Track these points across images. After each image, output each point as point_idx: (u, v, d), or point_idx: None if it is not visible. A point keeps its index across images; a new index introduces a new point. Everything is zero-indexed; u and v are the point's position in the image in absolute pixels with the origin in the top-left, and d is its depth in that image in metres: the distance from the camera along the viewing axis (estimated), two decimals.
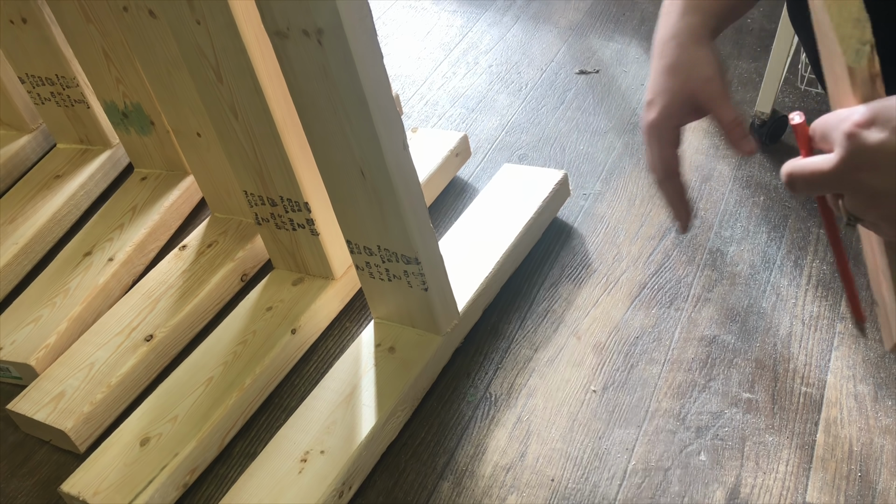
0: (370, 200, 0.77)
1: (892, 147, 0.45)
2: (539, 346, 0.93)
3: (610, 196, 1.11)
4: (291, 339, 0.88)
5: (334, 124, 0.73)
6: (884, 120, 0.46)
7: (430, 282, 0.82)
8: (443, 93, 1.32)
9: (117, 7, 0.86)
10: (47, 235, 1.04)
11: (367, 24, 0.67)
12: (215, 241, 1.00)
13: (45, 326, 0.91)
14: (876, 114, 0.46)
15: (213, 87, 0.81)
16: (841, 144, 0.48)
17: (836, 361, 0.88)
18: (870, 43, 0.48)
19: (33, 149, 1.16)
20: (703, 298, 0.97)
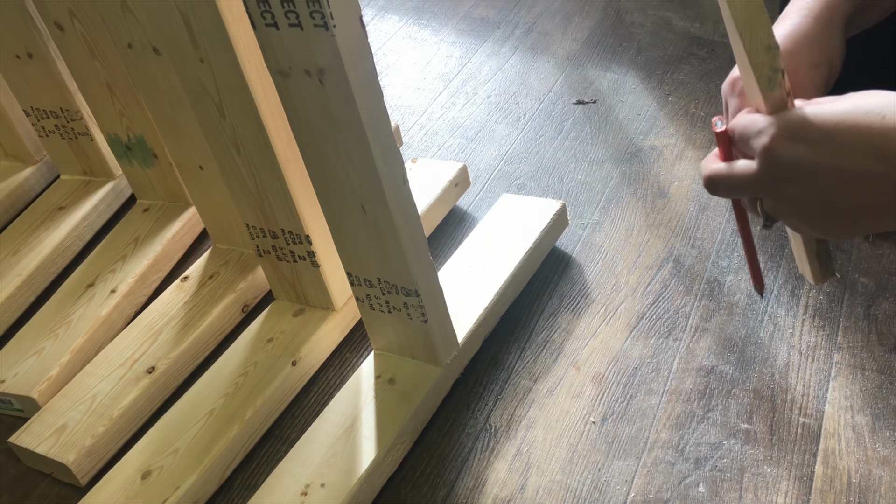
0: (370, 234, 0.78)
1: (808, 161, 0.47)
2: (538, 376, 0.93)
3: (608, 225, 1.12)
4: (292, 370, 0.89)
5: (335, 160, 0.74)
6: (801, 134, 0.47)
7: (429, 314, 0.83)
8: (442, 123, 1.34)
9: (122, 44, 0.88)
10: (50, 267, 1.05)
11: (368, 63, 0.68)
12: (217, 273, 1.01)
13: (47, 358, 0.92)
14: (792, 129, 0.47)
15: (216, 122, 0.82)
16: (760, 156, 0.49)
17: (834, 392, 0.89)
18: (780, 71, 0.50)
19: (37, 180, 1.17)
20: (701, 328, 0.97)
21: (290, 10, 0.65)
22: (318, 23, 0.64)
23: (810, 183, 0.47)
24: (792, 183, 0.48)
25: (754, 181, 0.50)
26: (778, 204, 0.50)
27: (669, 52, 1.45)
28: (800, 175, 0.47)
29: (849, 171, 0.45)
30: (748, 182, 0.51)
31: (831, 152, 0.45)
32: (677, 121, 1.30)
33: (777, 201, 0.50)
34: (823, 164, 0.46)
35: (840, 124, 0.45)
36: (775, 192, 0.49)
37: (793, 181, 0.48)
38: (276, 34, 0.68)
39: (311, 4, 0.64)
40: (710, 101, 1.33)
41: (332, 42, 0.65)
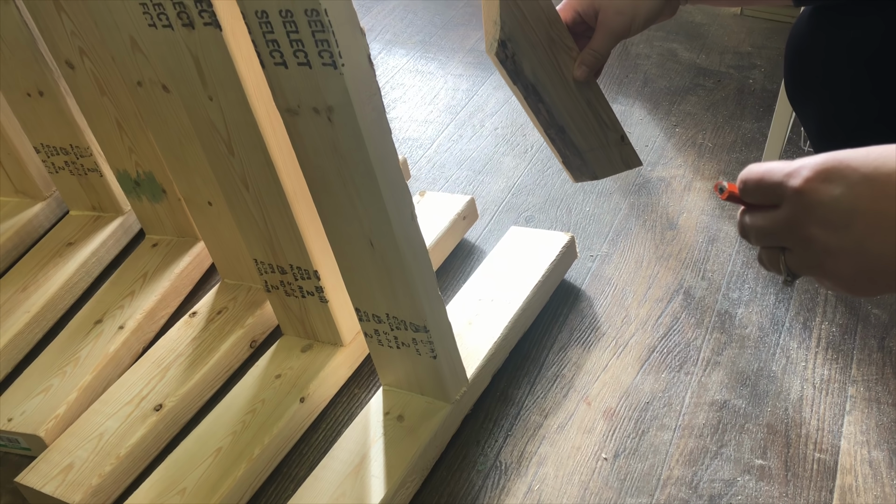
0: (379, 270, 0.78)
1: (846, 204, 0.44)
2: (549, 412, 0.92)
3: (617, 258, 1.12)
4: (300, 407, 0.88)
5: (344, 197, 0.74)
6: (837, 176, 0.44)
7: (438, 350, 0.82)
8: (450, 156, 1.34)
9: (131, 81, 0.88)
10: (59, 303, 1.05)
11: (376, 101, 0.68)
12: (225, 308, 1.00)
13: (55, 396, 0.91)
14: (828, 169, 0.45)
15: (225, 159, 0.83)
16: (791, 200, 0.46)
17: (849, 426, 0.88)
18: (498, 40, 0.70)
19: (46, 216, 1.18)
20: (713, 362, 0.96)
21: (299, 49, 0.66)
22: (327, 61, 0.65)
23: (846, 228, 0.44)
24: (825, 228, 0.45)
25: (783, 228, 0.47)
26: (804, 255, 0.47)
27: (676, 83, 1.46)
28: (835, 219, 0.44)
29: (890, 215, 0.43)
30: (776, 229, 0.48)
31: (872, 195, 0.43)
32: (685, 152, 1.29)
33: (804, 251, 0.47)
34: (862, 207, 0.43)
35: (881, 167, 0.43)
36: (804, 240, 0.46)
37: (827, 226, 0.45)
38: (285, 72, 0.68)
39: (320, 43, 0.64)
40: (718, 132, 1.33)
41: (340, 80, 0.65)
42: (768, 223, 0.48)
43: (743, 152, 1.28)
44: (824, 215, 0.45)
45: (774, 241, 0.49)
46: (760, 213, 0.49)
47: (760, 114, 1.36)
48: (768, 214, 0.48)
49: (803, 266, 0.48)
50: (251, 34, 0.67)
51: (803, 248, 0.47)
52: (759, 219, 0.49)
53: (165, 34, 0.76)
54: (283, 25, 0.65)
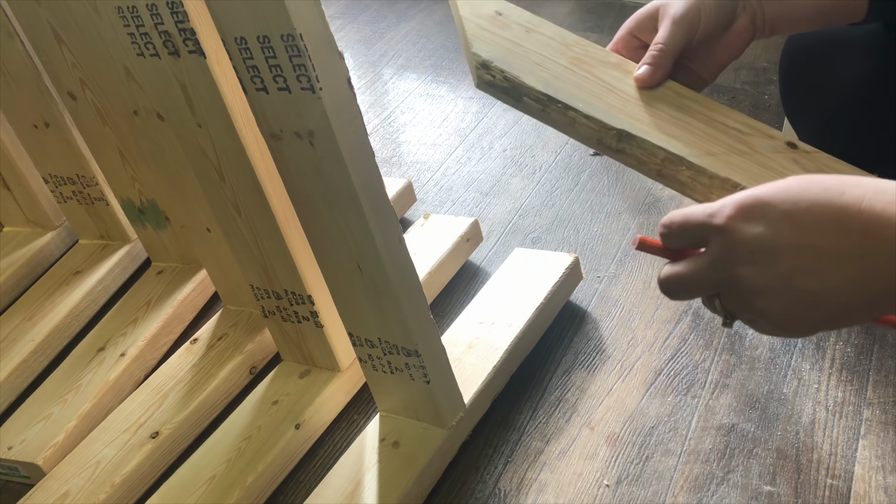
0: (368, 293, 0.77)
1: (768, 241, 0.43)
2: (551, 437, 0.90)
3: (625, 278, 1.10)
4: (295, 434, 0.87)
5: (330, 220, 0.73)
6: (758, 214, 0.44)
7: (431, 374, 0.81)
8: (457, 178, 1.33)
9: (128, 111, 0.89)
10: (64, 331, 1.06)
11: (357, 124, 0.68)
12: (226, 334, 1.00)
13: (54, 424, 0.92)
14: (749, 207, 0.44)
15: (217, 185, 0.83)
16: (715, 241, 0.45)
17: (864, 451, 0.84)
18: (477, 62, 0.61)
19: (57, 245, 1.19)
20: (722, 384, 0.93)
21: (278, 75, 0.66)
22: (305, 86, 0.65)
23: (772, 265, 0.43)
24: (751, 267, 0.44)
25: (709, 271, 0.46)
26: (734, 296, 0.46)
27: None
28: (760, 257, 0.44)
29: (812, 249, 0.42)
30: (703, 274, 0.46)
31: (793, 230, 0.42)
32: None
33: (733, 292, 0.46)
34: (785, 242, 0.43)
35: (799, 202, 0.42)
36: (733, 280, 0.45)
37: (752, 265, 0.44)
38: (267, 98, 0.68)
39: (297, 68, 0.64)
40: None
41: (319, 104, 0.65)
42: (695, 268, 0.47)
43: None
44: (748, 253, 0.44)
45: (704, 287, 0.47)
46: (684, 262, 0.47)
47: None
48: (692, 260, 0.47)
49: (736, 307, 0.47)
50: (232, 60, 0.67)
51: (732, 288, 0.46)
52: (683, 267, 0.47)
53: (154, 63, 0.77)
54: (261, 51, 0.65)
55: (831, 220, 0.41)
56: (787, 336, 0.49)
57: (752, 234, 0.43)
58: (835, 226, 0.41)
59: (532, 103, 0.61)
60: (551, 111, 0.60)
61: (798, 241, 0.42)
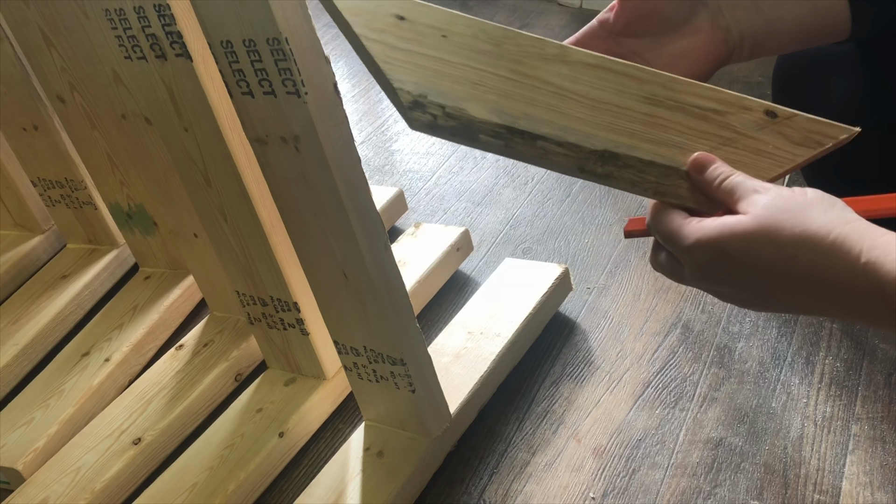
0: (353, 301, 0.76)
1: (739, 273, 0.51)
2: (537, 449, 0.89)
3: (614, 290, 1.09)
4: (279, 442, 0.86)
5: (315, 227, 0.73)
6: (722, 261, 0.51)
7: (416, 383, 0.80)
8: (449, 187, 1.33)
9: (116, 115, 0.89)
10: (49, 336, 1.05)
11: (343, 130, 0.67)
12: (211, 341, 0.99)
13: (35, 429, 0.91)
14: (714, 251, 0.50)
15: (203, 190, 0.82)
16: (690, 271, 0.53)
17: (852, 466, 0.83)
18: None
19: (45, 249, 1.18)
20: (710, 398, 0.93)
21: (264, 79, 0.65)
22: (291, 90, 0.64)
23: (748, 288, 0.51)
24: (727, 288, 0.52)
25: (690, 282, 0.54)
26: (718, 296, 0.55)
27: None
28: (735, 284, 0.51)
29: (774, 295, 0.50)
30: (683, 281, 0.55)
31: (751, 281, 0.50)
32: None
33: (717, 296, 0.55)
34: (744, 285, 0.51)
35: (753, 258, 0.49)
36: (713, 293, 0.55)
37: (728, 288, 0.52)
38: (252, 102, 0.68)
39: (283, 72, 0.64)
40: None
41: (304, 109, 0.64)
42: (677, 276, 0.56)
43: None
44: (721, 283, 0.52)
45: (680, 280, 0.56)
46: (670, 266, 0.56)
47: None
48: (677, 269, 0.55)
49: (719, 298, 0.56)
50: (218, 64, 0.67)
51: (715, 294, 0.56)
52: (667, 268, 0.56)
53: (141, 66, 0.76)
54: (247, 55, 0.65)
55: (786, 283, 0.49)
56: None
57: (715, 275, 0.52)
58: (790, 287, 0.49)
59: (490, 140, 0.52)
60: (516, 144, 0.52)
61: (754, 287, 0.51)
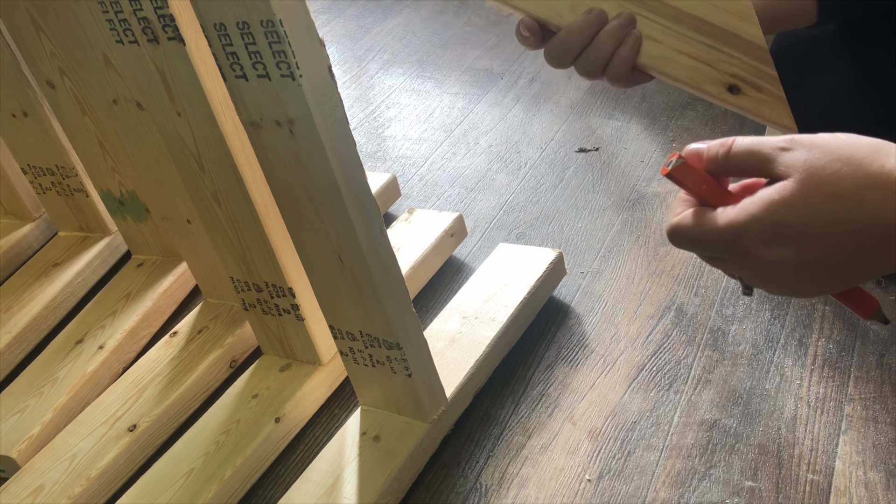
0: (349, 285, 0.76)
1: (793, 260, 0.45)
2: (533, 432, 0.90)
3: (608, 274, 1.09)
4: (275, 427, 0.86)
5: (310, 211, 0.72)
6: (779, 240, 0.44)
7: (413, 368, 0.80)
8: (442, 173, 1.33)
9: (107, 100, 0.88)
10: (42, 324, 1.04)
11: (338, 113, 0.67)
12: (206, 327, 0.99)
13: (30, 417, 0.90)
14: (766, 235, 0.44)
15: (196, 175, 0.82)
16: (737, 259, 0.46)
17: (845, 446, 0.84)
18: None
19: (36, 237, 1.18)
20: (704, 380, 0.93)
21: (258, 62, 0.65)
22: (285, 73, 0.64)
23: (797, 274, 0.46)
24: (777, 275, 0.46)
25: (734, 269, 0.48)
26: (761, 283, 0.48)
27: (674, 98, 1.43)
28: (785, 271, 0.46)
29: (838, 258, 0.44)
30: (718, 248, 0.48)
31: (817, 248, 0.44)
32: None
33: (761, 283, 0.48)
34: (809, 258, 0.44)
35: (817, 221, 0.43)
36: (759, 279, 0.48)
37: (778, 275, 0.46)
38: (246, 85, 0.67)
39: (277, 55, 0.63)
40: None
41: (299, 92, 0.64)
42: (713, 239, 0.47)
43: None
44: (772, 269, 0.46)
45: (713, 255, 0.49)
46: (706, 223, 0.47)
47: (760, 128, 1.33)
48: (713, 230, 0.47)
49: (760, 286, 0.49)
50: (211, 47, 0.66)
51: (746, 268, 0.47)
52: (702, 229, 0.47)
53: (133, 50, 0.76)
54: (241, 37, 0.64)
55: (852, 233, 0.43)
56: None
57: (776, 257, 0.45)
58: (855, 237, 0.43)
59: None
60: None
61: (822, 254, 0.44)
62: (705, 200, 0.48)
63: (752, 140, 0.46)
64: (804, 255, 0.44)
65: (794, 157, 0.44)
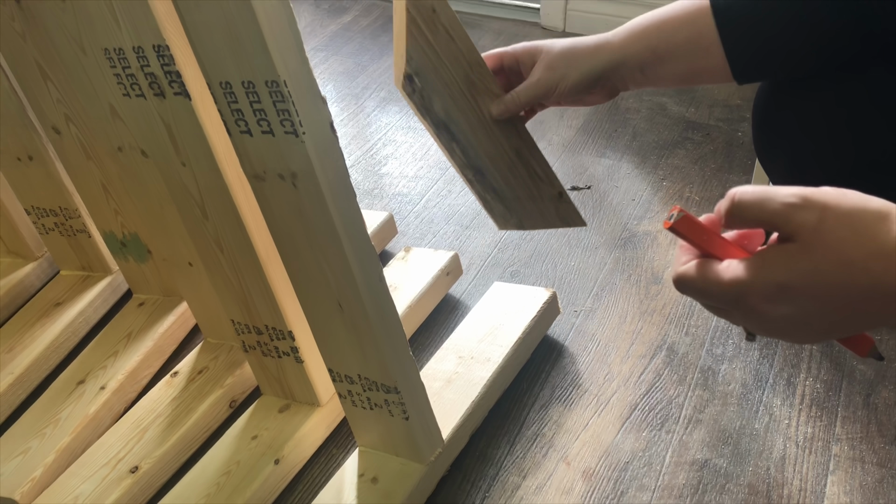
0: (348, 331, 0.78)
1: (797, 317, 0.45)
2: (528, 472, 0.91)
3: (601, 313, 1.12)
4: (275, 469, 0.88)
5: (311, 259, 0.75)
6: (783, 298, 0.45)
7: (410, 411, 0.82)
8: (438, 211, 1.35)
9: (113, 147, 0.90)
10: (43, 364, 1.06)
11: (339, 167, 0.70)
12: (206, 368, 1.01)
13: (33, 458, 0.91)
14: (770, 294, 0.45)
15: (199, 222, 0.84)
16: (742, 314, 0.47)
17: (833, 486, 0.86)
18: (404, 74, 0.72)
19: (38, 276, 1.19)
20: (695, 420, 0.95)
21: (262, 119, 0.67)
22: (289, 130, 0.66)
23: (800, 328, 0.46)
24: (780, 329, 0.47)
25: (738, 320, 0.49)
26: (764, 333, 0.49)
27: (664, 136, 1.47)
28: (787, 325, 0.46)
29: (840, 316, 0.45)
30: (729, 317, 0.49)
31: (820, 308, 0.45)
32: (671, 205, 1.30)
33: (764, 333, 0.49)
34: (813, 315, 0.45)
35: (820, 284, 0.44)
36: (762, 330, 0.48)
37: (780, 329, 0.47)
38: (251, 140, 0.70)
39: (281, 113, 0.66)
40: (705, 185, 1.33)
41: (302, 147, 0.66)
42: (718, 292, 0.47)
43: None
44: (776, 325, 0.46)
45: (718, 307, 0.49)
46: (711, 275, 0.48)
47: (748, 166, 1.36)
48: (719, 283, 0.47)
49: (764, 335, 0.49)
50: (217, 104, 0.69)
51: (751, 321, 0.48)
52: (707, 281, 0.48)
53: (139, 103, 0.78)
54: (246, 96, 0.67)
55: (854, 299, 0.44)
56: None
57: (780, 314, 0.45)
58: (858, 302, 0.44)
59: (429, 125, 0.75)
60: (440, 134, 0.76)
61: (826, 317, 0.45)
62: (707, 252, 0.50)
63: (758, 193, 0.45)
64: (807, 313, 0.45)
65: (805, 218, 0.43)
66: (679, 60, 0.70)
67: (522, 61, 0.74)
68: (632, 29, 0.71)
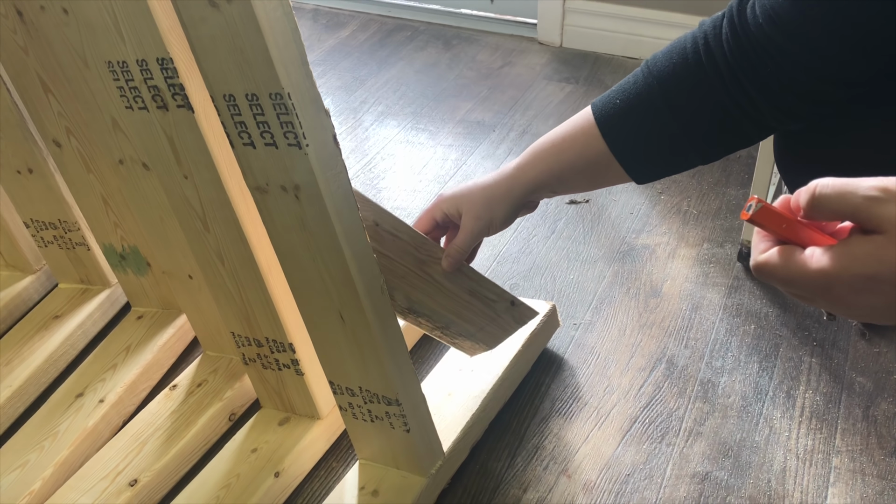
0: (350, 343, 0.78)
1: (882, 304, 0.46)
2: (528, 485, 0.91)
3: (600, 326, 1.12)
4: (275, 482, 0.87)
5: (313, 271, 0.75)
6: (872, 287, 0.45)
7: (411, 423, 0.82)
8: None
9: (114, 160, 0.91)
10: (42, 377, 1.05)
11: (342, 179, 0.70)
12: (205, 381, 1.00)
13: (31, 472, 0.91)
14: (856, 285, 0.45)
15: (201, 235, 0.84)
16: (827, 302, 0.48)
17: (833, 499, 0.86)
18: None
19: (36, 289, 1.19)
20: (695, 432, 0.95)
21: (266, 131, 0.67)
22: (292, 142, 0.67)
23: (884, 313, 0.47)
24: (864, 315, 0.48)
25: (821, 306, 0.49)
26: (848, 317, 0.51)
27: None
28: (872, 312, 0.47)
29: None
30: (812, 303, 0.49)
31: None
32: (669, 219, 1.30)
33: (847, 317, 0.51)
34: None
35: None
36: (846, 315, 0.49)
37: (864, 314, 0.48)
38: (254, 153, 0.70)
39: (285, 125, 0.66)
40: (702, 199, 1.34)
41: (305, 160, 0.67)
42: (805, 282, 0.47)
43: (728, 219, 1.29)
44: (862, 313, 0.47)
45: (802, 296, 0.49)
46: (797, 264, 0.48)
47: (745, 180, 1.37)
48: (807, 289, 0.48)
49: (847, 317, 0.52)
50: (220, 116, 0.69)
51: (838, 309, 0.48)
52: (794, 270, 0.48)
53: (142, 116, 0.78)
54: (249, 108, 0.67)
55: None
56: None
57: (867, 303, 0.46)
58: None
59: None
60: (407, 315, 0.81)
61: None
62: (788, 239, 0.49)
63: (838, 187, 0.46)
64: (893, 300, 0.45)
65: (889, 211, 0.44)
66: (578, 174, 0.75)
67: (450, 213, 0.82)
68: (534, 153, 0.77)
